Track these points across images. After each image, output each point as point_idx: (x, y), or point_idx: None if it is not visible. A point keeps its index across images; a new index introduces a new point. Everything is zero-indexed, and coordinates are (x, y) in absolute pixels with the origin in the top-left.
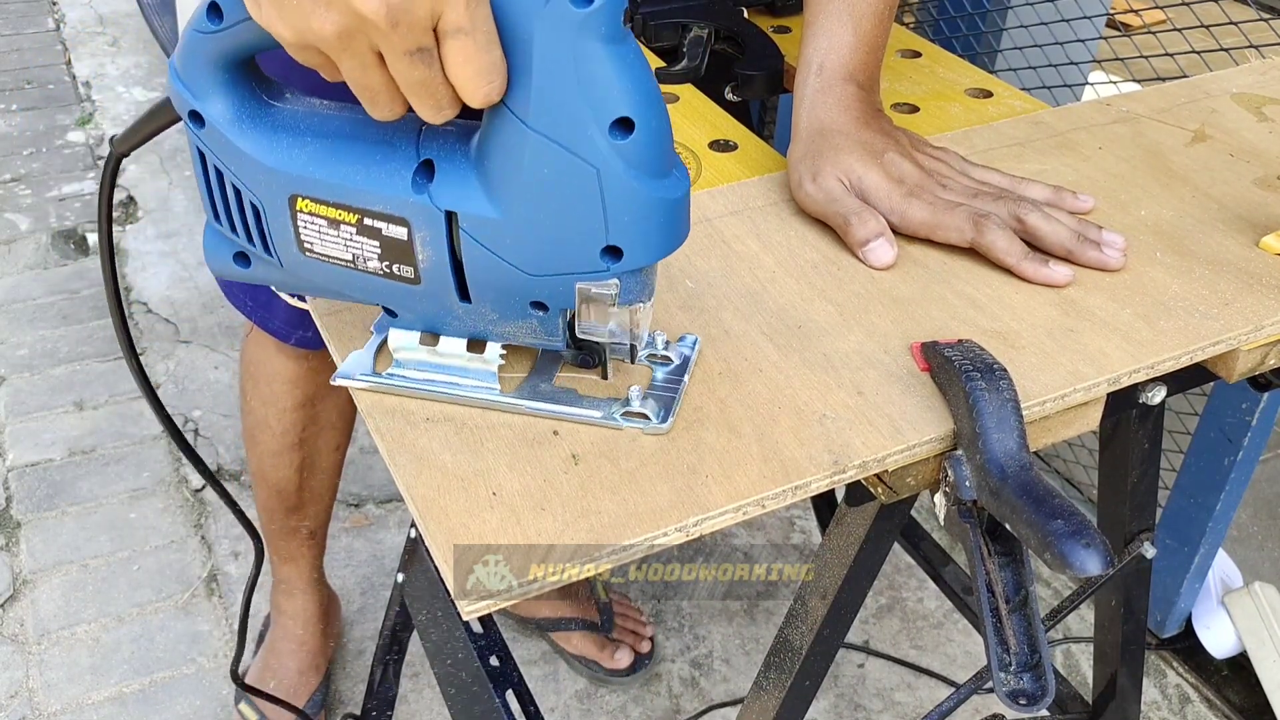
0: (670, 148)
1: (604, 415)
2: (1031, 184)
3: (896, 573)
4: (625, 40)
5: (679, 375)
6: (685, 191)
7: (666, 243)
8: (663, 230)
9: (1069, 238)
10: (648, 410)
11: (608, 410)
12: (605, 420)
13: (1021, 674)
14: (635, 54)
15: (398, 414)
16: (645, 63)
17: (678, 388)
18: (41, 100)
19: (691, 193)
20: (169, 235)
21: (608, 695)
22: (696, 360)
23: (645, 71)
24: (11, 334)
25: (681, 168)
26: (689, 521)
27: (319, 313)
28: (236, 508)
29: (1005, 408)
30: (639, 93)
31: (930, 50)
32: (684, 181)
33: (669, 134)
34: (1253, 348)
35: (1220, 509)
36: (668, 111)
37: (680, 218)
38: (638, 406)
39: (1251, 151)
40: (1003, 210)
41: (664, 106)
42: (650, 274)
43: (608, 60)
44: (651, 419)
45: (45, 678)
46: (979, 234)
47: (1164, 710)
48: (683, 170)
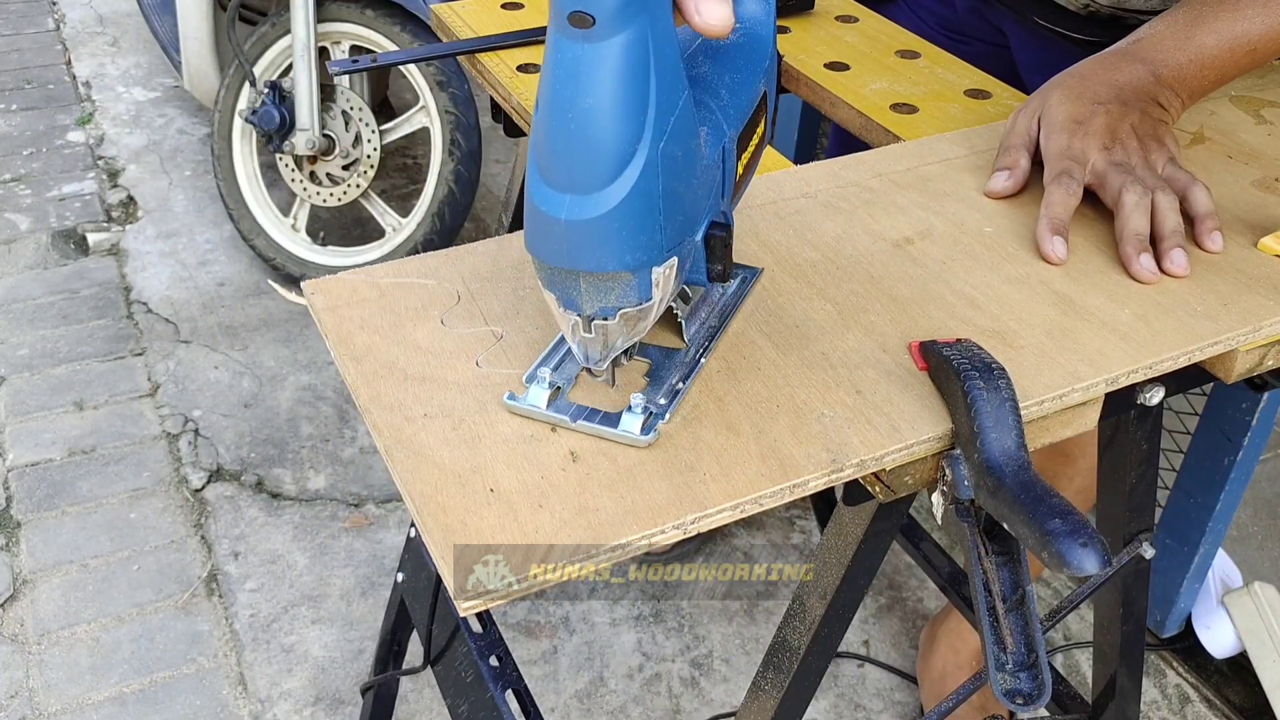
0: (573, 169)
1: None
2: (1201, 189)
3: (896, 573)
4: (565, 34)
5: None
6: (563, 218)
7: (535, 246)
8: (531, 231)
9: (1172, 230)
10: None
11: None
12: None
13: (1018, 673)
14: (569, 53)
15: (395, 410)
16: (573, 68)
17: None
18: (41, 100)
19: None
20: (169, 235)
21: (608, 695)
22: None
23: (563, 72)
24: (11, 334)
25: (599, 205)
26: (687, 519)
27: (317, 309)
28: None
29: (1003, 407)
30: (546, 86)
31: (930, 50)
32: (577, 211)
33: (570, 150)
34: (1251, 348)
35: (1220, 509)
36: (590, 134)
37: (549, 234)
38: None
39: (1250, 153)
40: (1149, 179)
41: (576, 124)
42: (560, 279)
43: (551, 48)
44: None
45: (45, 678)
46: (1120, 192)
47: (1164, 710)
48: (597, 208)
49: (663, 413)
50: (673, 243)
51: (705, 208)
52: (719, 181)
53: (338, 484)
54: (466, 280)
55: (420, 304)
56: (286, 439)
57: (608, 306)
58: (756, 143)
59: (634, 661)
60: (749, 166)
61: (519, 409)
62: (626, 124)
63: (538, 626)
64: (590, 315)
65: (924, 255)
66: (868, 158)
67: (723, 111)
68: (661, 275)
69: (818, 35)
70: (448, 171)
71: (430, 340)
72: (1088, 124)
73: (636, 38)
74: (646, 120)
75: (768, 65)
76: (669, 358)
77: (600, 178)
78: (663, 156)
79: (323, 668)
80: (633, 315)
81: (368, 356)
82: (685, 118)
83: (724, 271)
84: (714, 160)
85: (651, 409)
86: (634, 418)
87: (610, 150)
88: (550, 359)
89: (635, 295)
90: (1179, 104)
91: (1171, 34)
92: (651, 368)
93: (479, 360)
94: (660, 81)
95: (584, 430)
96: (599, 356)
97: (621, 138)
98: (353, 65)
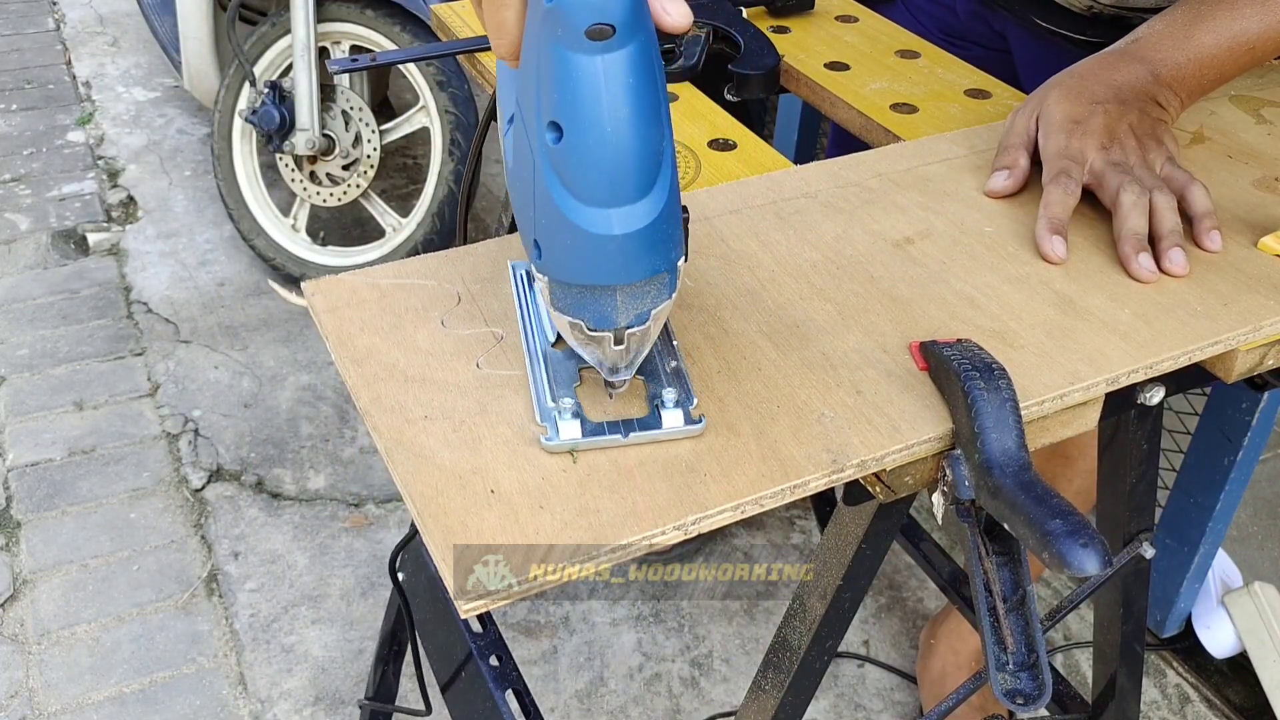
0: (617, 183)
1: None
2: (1199, 188)
3: (896, 573)
4: (582, 49)
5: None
6: (618, 233)
7: (579, 271)
8: (577, 256)
9: (1170, 230)
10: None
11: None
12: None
13: (1019, 673)
14: (592, 67)
15: (396, 412)
16: (602, 81)
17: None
18: (41, 100)
19: (691, 191)
20: (169, 235)
21: (608, 695)
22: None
23: (591, 87)
24: (11, 334)
25: (648, 212)
26: (687, 520)
27: (318, 310)
28: None
29: (1004, 407)
30: (574, 106)
31: (930, 50)
32: (629, 223)
33: (615, 164)
34: (1251, 348)
35: (1220, 509)
36: (629, 144)
37: (600, 254)
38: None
39: (1250, 153)
40: (1147, 179)
41: (615, 136)
42: (593, 299)
43: (554, 61)
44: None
45: (45, 678)
46: (1117, 192)
47: (1164, 710)
48: (645, 216)
49: (690, 396)
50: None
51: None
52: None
53: (338, 484)
54: (467, 281)
55: (421, 305)
56: (286, 439)
57: (642, 312)
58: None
59: (634, 661)
60: None
61: (560, 448)
62: (658, 124)
63: (538, 626)
64: (626, 326)
65: (924, 255)
66: (868, 158)
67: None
68: (683, 265)
69: (818, 35)
70: (448, 171)
71: (430, 342)
72: (1085, 123)
73: (647, 39)
74: (665, 116)
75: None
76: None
77: (645, 183)
78: (671, 148)
79: (323, 668)
80: (661, 314)
81: (368, 358)
82: (668, 107)
83: (686, 251)
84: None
85: (679, 397)
86: (672, 413)
87: (651, 153)
88: (541, 389)
89: (666, 293)
90: (1178, 103)
91: (1170, 33)
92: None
93: (479, 362)
94: (661, 77)
95: (639, 442)
96: (626, 366)
97: (658, 138)
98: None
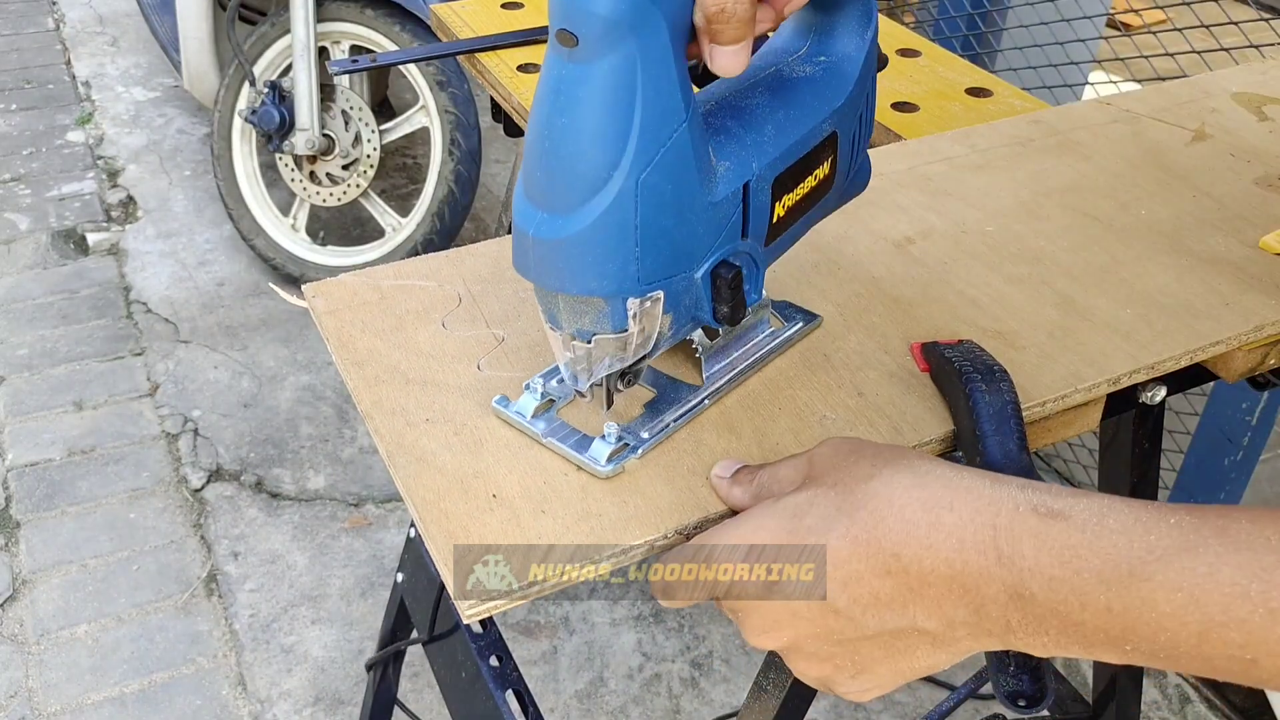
0: (544, 186)
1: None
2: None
3: None
4: (553, 48)
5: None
6: (532, 235)
7: (514, 258)
8: (514, 245)
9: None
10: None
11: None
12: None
13: (1020, 675)
14: (555, 68)
15: (397, 415)
16: (556, 84)
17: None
18: (41, 100)
19: None
20: (169, 235)
21: (608, 695)
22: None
23: (547, 86)
24: (11, 334)
25: (570, 226)
26: (690, 523)
27: (319, 312)
28: None
29: (1005, 409)
30: (536, 97)
31: (930, 50)
32: (547, 230)
33: (544, 167)
34: (1252, 348)
35: None
36: (563, 153)
37: (520, 247)
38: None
39: (1252, 151)
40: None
41: (549, 141)
42: (541, 292)
43: (544, 61)
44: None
45: (45, 678)
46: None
47: (1164, 710)
48: (566, 228)
49: (637, 447)
50: (655, 276)
51: (709, 245)
52: (734, 220)
53: (337, 484)
54: (467, 282)
55: (421, 306)
56: (286, 439)
57: (584, 329)
58: (814, 185)
59: (634, 661)
60: (797, 210)
61: (504, 414)
62: (602, 149)
63: (538, 626)
64: (570, 333)
65: (925, 255)
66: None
67: (758, 147)
68: (639, 307)
69: None
70: (448, 171)
71: (431, 344)
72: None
73: (623, 64)
74: (627, 148)
75: (842, 105)
76: (675, 391)
77: (570, 200)
78: (643, 186)
79: (322, 668)
80: (610, 342)
81: (369, 361)
82: (679, 150)
83: (732, 314)
84: (726, 196)
85: (627, 441)
86: (604, 446)
87: (582, 173)
88: (554, 373)
89: (609, 323)
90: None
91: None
92: (655, 398)
93: (480, 364)
94: (648, 111)
95: (552, 448)
96: (578, 376)
97: (595, 162)
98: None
